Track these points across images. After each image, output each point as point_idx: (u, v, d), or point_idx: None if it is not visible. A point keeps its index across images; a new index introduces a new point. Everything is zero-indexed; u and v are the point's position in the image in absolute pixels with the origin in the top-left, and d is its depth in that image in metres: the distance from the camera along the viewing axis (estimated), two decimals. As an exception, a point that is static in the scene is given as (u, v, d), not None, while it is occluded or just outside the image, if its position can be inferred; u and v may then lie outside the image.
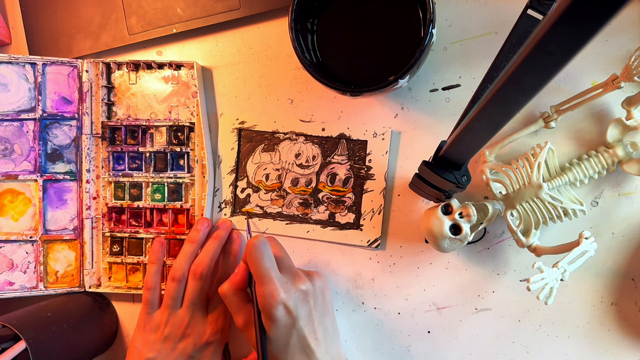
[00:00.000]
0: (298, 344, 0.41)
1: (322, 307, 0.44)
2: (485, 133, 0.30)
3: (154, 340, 0.47)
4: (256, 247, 0.42)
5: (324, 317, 0.44)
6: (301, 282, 0.43)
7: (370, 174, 0.50)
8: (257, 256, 0.42)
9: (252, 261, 0.42)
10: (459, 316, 0.49)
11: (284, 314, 0.40)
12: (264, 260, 0.42)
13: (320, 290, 0.45)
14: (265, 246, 0.42)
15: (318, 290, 0.45)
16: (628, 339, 0.47)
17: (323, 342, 0.43)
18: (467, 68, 0.48)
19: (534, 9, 0.40)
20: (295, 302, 0.41)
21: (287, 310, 0.41)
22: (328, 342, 0.44)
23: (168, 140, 0.52)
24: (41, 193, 0.53)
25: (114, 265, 0.54)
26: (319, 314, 0.43)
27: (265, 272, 0.41)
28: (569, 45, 0.18)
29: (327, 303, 0.46)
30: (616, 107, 0.45)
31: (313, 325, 0.42)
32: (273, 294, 0.40)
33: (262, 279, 0.41)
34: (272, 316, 0.40)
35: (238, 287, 0.45)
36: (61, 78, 0.53)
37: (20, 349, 0.44)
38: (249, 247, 0.42)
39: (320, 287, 0.45)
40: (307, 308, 0.42)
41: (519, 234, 0.43)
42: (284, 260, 0.44)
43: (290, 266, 0.45)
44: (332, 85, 0.43)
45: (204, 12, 0.51)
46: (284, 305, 0.40)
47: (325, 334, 0.44)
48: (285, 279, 0.42)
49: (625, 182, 0.46)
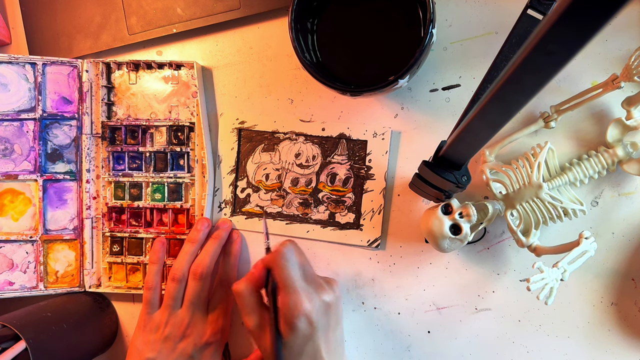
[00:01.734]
0: (311, 353, 0.41)
1: (337, 317, 0.44)
2: (485, 133, 0.30)
3: (154, 341, 0.47)
4: (284, 256, 0.41)
5: (337, 326, 0.44)
6: (324, 292, 0.43)
7: (370, 174, 0.50)
8: (284, 264, 0.41)
9: (279, 269, 0.41)
10: (459, 316, 0.49)
11: (305, 325, 0.40)
12: (291, 270, 0.41)
13: (339, 300, 0.45)
14: (293, 255, 0.42)
15: (339, 300, 0.45)
16: (628, 339, 0.47)
17: (333, 352, 0.43)
18: (467, 68, 0.48)
19: (534, 9, 0.40)
20: (318, 313, 0.41)
21: (309, 322, 0.40)
22: (337, 351, 0.44)
23: (168, 140, 0.52)
24: (41, 193, 0.53)
25: (114, 265, 0.54)
26: (334, 324, 0.43)
27: (292, 282, 0.41)
28: (569, 45, 0.18)
29: (341, 312, 0.46)
30: (616, 107, 0.45)
31: (327, 335, 0.42)
32: (297, 305, 0.40)
33: (288, 288, 0.41)
34: (293, 326, 0.40)
35: (255, 286, 0.44)
36: (61, 78, 0.53)
37: (20, 349, 0.44)
38: (277, 254, 0.42)
39: (340, 297, 0.45)
40: (327, 319, 0.42)
41: (519, 234, 0.43)
42: (306, 268, 0.44)
43: (313, 275, 0.44)
44: (332, 85, 0.43)
45: (204, 12, 0.51)
46: (306, 317, 0.40)
47: (336, 343, 0.44)
48: (309, 290, 0.42)
49: (625, 182, 0.46)
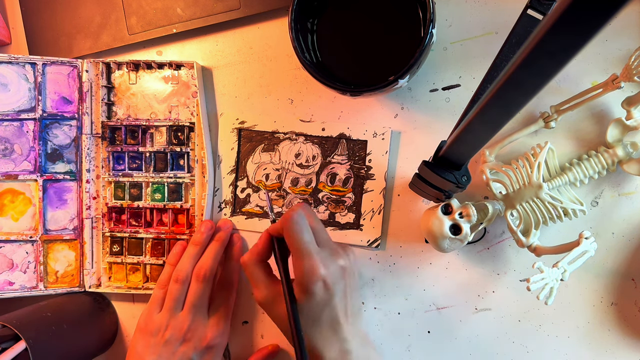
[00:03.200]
0: (329, 318, 0.40)
1: (354, 283, 0.43)
2: (485, 133, 0.30)
3: (155, 344, 0.47)
4: (295, 221, 0.40)
5: (354, 292, 0.43)
6: (340, 257, 0.42)
7: (370, 174, 0.50)
8: (295, 229, 0.40)
9: (291, 235, 0.40)
10: (459, 316, 0.49)
11: (322, 290, 0.39)
12: (303, 234, 0.40)
13: (355, 265, 0.44)
14: (304, 219, 0.41)
15: (354, 265, 0.44)
16: (628, 339, 0.47)
17: (351, 318, 0.42)
18: (467, 68, 0.48)
19: (534, 9, 0.40)
20: (334, 277, 0.40)
21: (325, 286, 0.39)
22: (355, 318, 0.43)
23: (168, 140, 0.52)
24: (41, 193, 0.53)
25: (114, 265, 0.54)
26: (351, 290, 0.42)
27: (305, 246, 0.40)
28: (569, 45, 0.18)
29: (357, 279, 0.44)
30: (616, 107, 0.45)
31: (345, 301, 0.41)
32: (313, 270, 0.39)
33: (302, 253, 0.40)
34: (309, 291, 0.39)
35: (259, 257, 0.43)
36: (61, 78, 0.53)
37: (20, 349, 0.44)
38: (287, 220, 0.40)
39: (356, 262, 0.44)
40: (343, 284, 0.41)
41: (519, 234, 0.43)
42: (320, 232, 0.43)
43: (327, 239, 0.43)
44: (332, 85, 0.43)
45: (204, 12, 0.51)
46: (323, 281, 0.39)
47: (353, 309, 0.43)
48: (324, 254, 0.41)
49: (625, 182, 0.46)
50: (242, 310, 0.53)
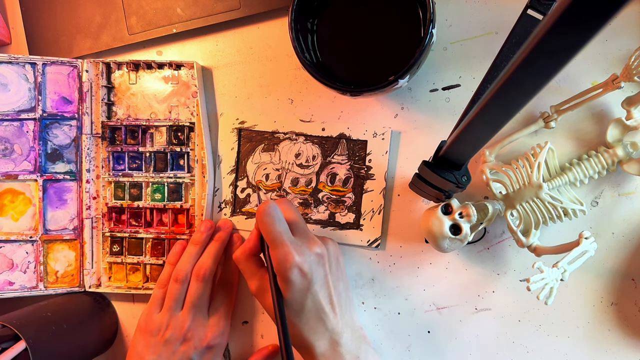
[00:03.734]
0: (313, 308, 0.41)
1: (336, 272, 0.44)
2: (485, 133, 0.30)
3: (155, 344, 0.47)
4: (266, 212, 0.41)
5: (338, 282, 0.44)
6: (316, 245, 0.42)
7: (370, 174, 0.50)
8: (267, 220, 0.41)
9: (263, 226, 0.41)
10: (459, 316, 0.49)
11: (299, 277, 0.40)
12: (275, 224, 0.41)
13: (334, 255, 0.45)
14: (275, 210, 0.41)
15: (333, 255, 0.44)
16: (628, 339, 0.47)
17: (337, 307, 0.42)
18: (467, 68, 0.48)
19: (534, 9, 0.40)
20: (310, 265, 0.41)
21: (302, 273, 0.40)
22: (342, 308, 0.43)
23: (168, 140, 0.52)
24: (41, 193, 0.53)
25: (114, 265, 0.54)
26: (333, 278, 0.43)
27: (278, 235, 0.40)
28: (569, 45, 0.18)
29: (341, 269, 0.45)
30: (616, 107, 0.45)
31: (328, 289, 0.42)
32: (287, 257, 0.39)
33: (275, 243, 0.40)
34: (287, 279, 0.40)
35: (250, 252, 0.44)
36: (61, 78, 0.53)
37: (20, 349, 0.44)
38: (259, 212, 0.41)
39: (335, 252, 0.45)
40: (322, 272, 0.42)
41: (519, 234, 0.43)
42: (298, 224, 0.43)
43: (304, 230, 0.44)
44: (332, 85, 0.43)
45: (204, 12, 0.51)
46: (299, 269, 0.40)
47: (339, 299, 0.43)
48: (299, 243, 0.42)
49: (625, 182, 0.46)
50: (242, 310, 0.53)
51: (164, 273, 0.50)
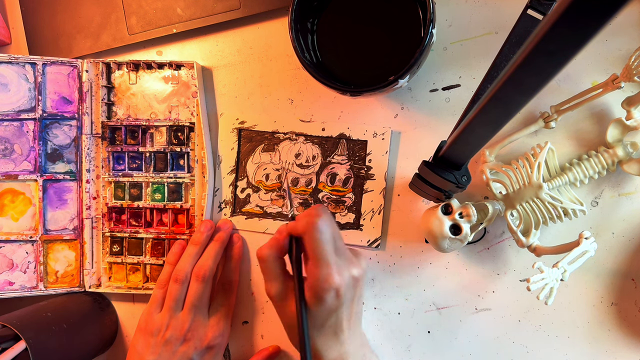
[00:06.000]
0: (333, 324, 0.40)
1: (361, 292, 0.43)
2: (485, 133, 0.30)
3: (155, 344, 0.47)
4: (320, 230, 0.39)
5: (360, 299, 0.44)
6: (354, 267, 0.41)
7: (370, 174, 0.50)
8: (318, 237, 0.39)
9: (313, 241, 0.40)
10: (459, 316, 0.49)
11: (333, 299, 0.39)
12: (325, 242, 0.39)
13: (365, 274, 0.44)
14: (328, 227, 0.40)
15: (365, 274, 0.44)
16: (628, 339, 0.47)
17: (352, 324, 0.42)
18: (467, 68, 0.48)
19: (534, 9, 0.40)
20: (346, 288, 0.40)
21: (337, 296, 0.39)
22: (356, 324, 0.43)
23: (168, 140, 0.52)
24: (41, 193, 0.53)
25: (114, 265, 0.54)
26: (357, 298, 0.43)
27: (324, 254, 0.39)
28: (569, 45, 0.18)
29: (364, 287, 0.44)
30: (616, 107, 0.45)
31: (351, 309, 0.42)
32: (328, 279, 0.39)
33: (320, 261, 0.39)
34: (321, 299, 0.39)
35: (279, 253, 0.42)
36: (61, 78, 0.53)
37: (20, 349, 0.44)
38: (312, 227, 0.40)
39: (366, 270, 0.44)
40: (352, 294, 0.41)
41: (519, 234, 0.43)
42: (337, 240, 0.42)
43: (343, 247, 0.42)
44: (332, 85, 0.43)
45: (204, 12, 0.51)
46: (336, 290, 0.39)
47: (356, 315, 0.43)
48: (340, 263, 0.40)
49: (625, 182, 0.46)
50: (242, 310, 0.53)
51: (164, 273, 0.50)
